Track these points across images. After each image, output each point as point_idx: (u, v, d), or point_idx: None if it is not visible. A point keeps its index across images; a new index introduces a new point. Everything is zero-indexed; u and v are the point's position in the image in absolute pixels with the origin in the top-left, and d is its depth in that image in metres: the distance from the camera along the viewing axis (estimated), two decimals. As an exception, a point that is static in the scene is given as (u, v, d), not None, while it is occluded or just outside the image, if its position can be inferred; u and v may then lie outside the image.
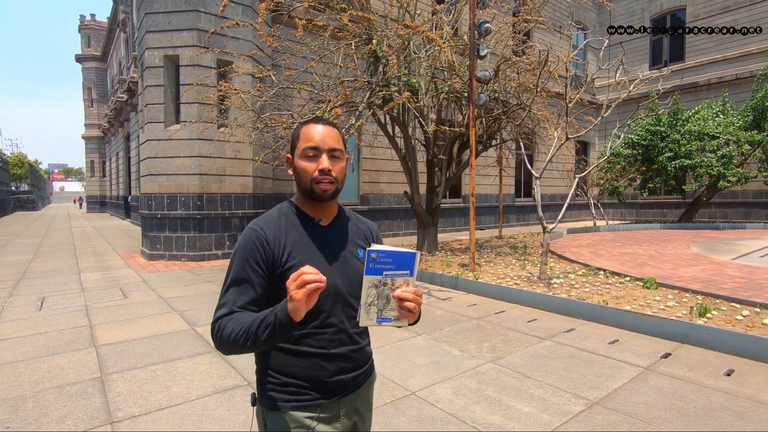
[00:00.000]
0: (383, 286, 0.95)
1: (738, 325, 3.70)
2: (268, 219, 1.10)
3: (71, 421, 2.46)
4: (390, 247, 0.94)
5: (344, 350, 1.09)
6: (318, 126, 1.09)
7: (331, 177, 1.07)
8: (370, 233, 1.25)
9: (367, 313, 0.95)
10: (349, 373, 1.10)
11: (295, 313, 0.89)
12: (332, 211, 1.17)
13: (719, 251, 8.67)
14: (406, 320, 0.99)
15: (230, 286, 1.04)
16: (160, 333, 4.07)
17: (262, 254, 1.04)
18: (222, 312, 1.01)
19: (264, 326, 0.93)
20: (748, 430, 2.31)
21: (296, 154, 1.10)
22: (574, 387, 2.85)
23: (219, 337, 0.99)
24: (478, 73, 6.11)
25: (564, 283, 5.44)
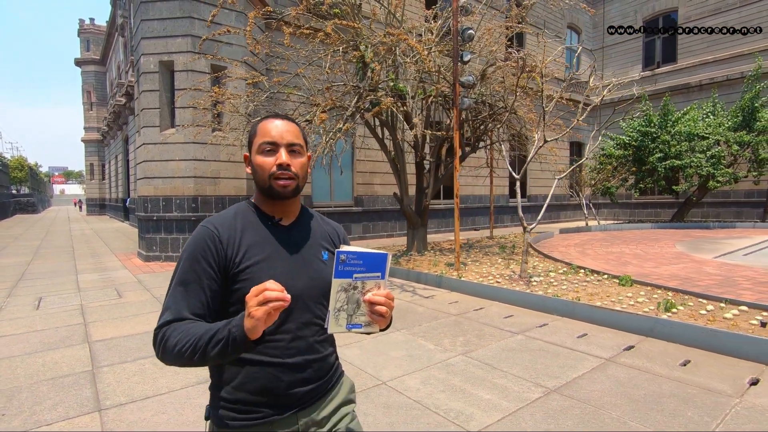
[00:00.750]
0: (353, 289, 0.90)
1: (700, 319, 3.88)
2: (222, 217, 1.05)
3: (62, 408, 2.65)
4: (360, 248, 0.90)
5: (301, 359, 1.02)
6: (275, 121, 1.06)
7: (290, 172, 1.03)
8: (336, 235, 1.19)
9: (336, 318, 0.90)
10: (306, 385, 1.02)
11: (252, 332, 0.83)
12: (293, 211, 1.12)
13: (703, 250, 8.85)
14: (377, 325, 0.94)
15: (177, 287, 0.97)
16: (151, 330, 4.24)
17: (214, 254, 0.98)
18: (166, 317, 0.94)
19: (215, 341, 0.86)
20: (689, 413, 2.49)
21: (253, 150, 1.06)
22: (536, 377, 3.03)
23: (162, 347, 0.91)
24: (462, 78, 6.30)
25: (543, 281, 5.62)
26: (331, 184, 12.01)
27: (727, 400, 2.64)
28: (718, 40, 17.60)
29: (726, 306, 4.23)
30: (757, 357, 3.20)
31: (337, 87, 6.87)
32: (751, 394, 2.73)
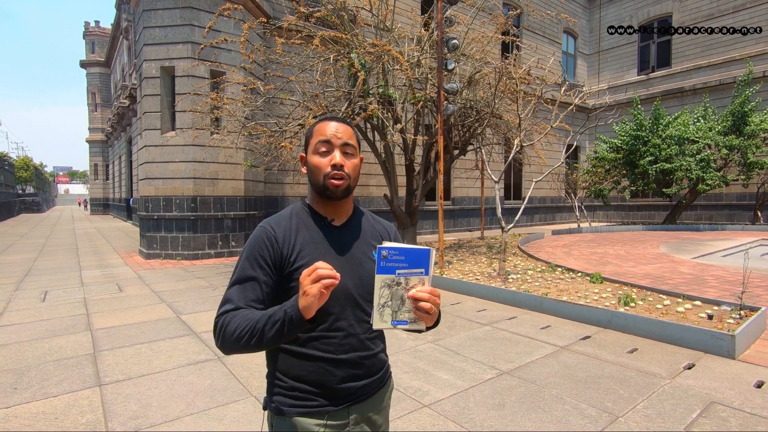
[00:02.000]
0: (397, 285, 0.90)
1: (655, 313, 4.18)
2: (279, 218, 1.10)
3: (67, 384, 2.99)
4: (402, 245, 0.91)
5: (354, 356, 1.05)
6: (331, 122, 1.09)
7: (343, 173, 1.06)
8: (387, 234, 1.21)
9: (381, 315, 0.90)
10: (359, 381, 1.06)
11: (307, 311, 0.87)
12: (346, 211, 1.15)
13: (685, 251, 9.12)
14: (423, 322, 0.94)
15: (236, 283, 1.03)
16: (149, 320, 4.59)
17: (270, 252, 1.03)
18: (226, 308, 0.99)
19: (272, 323, 0.91)
20: (621, 391, 2.81)
21: (309, 150, 1.10)
22: (493, 361, 3.35)
23: (222, 333, 0.96)
24: (446, 85, 6.62)
25: (519, 278, 5.93)
26: (328, 186, 12.34)
27: (658, 381, 2.96)
28: (711, 45, 17.86)
29: (682, 301, 4.53)
30: (697, 345, 3.51)
31: (330, 92, 7.21)
32: (683, 376, 3.04)
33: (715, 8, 17.65)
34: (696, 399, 2.69)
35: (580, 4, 21.57)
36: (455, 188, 16.03)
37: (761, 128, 13.65)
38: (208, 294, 5.83)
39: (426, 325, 0.95)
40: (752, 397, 2.70)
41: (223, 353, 0.97)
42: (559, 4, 20.31)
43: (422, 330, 0.95)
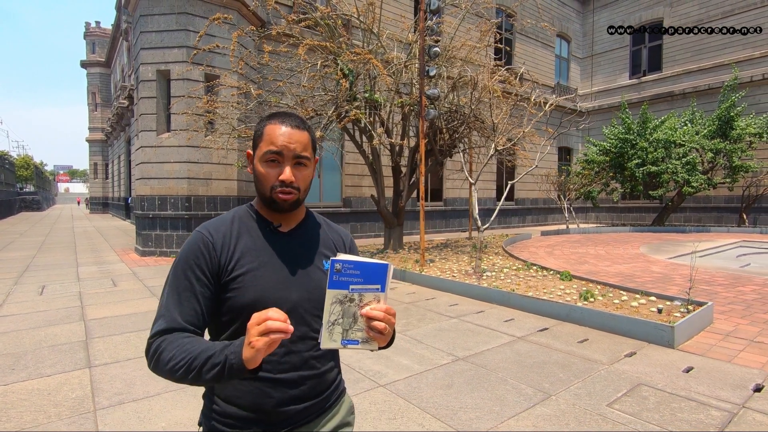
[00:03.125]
0: (349, 302, 0.85)
1: (611, 307, 4.48)
2: (219, 222, 1.02)
3: (60, 366, 3.28)
4: (358, 258, 0.86)
5: (295, 375, 0.97)
6: (284, 127, 0.98)
7: (292, 188, 0.98)
8: (342, 243, 1.13)
9: (330, 333, 0.85)
10: (300, 403, 0.98)
11: (250, 362, 0.80)
12: (296, 217, 1.07)
13: (663, 251, 9.42)
14: (376, 343, 0.88)
15: (170, 294, 0.94)
16: (139, 311, 4.88)
17: (207, 260, 0.95)
18: (160, 326, 0.91)
19: (210, 365, 0.83)
20: (560, 374, 3.10)
21: (257, 154, 1.00)
22: (452, 349, 3.64)
23: (155, 360, 0.87)
24: (428, 90, 6.92)
25: (494, 276, 6.23)
26: (321, 186, 12.65)
27: (597, 367, 3.25)
28: (701, 50, 18.17)
29: (640, 297, 4.83)
30: (642, 336, 3.80)
31: (319, 97, 7.51)
32: (622, 363, 3.33)
33: (704, 14, 17.96)
34: (626, 381, 2.99)
35: (574, 8, 21.87)
36: (447, 189, 16.32)
37: (747, 132, 13.95)
38: (198, 289, 6.13)
39: (379, 345, 0.89)
40: (677, 380, 2.99)
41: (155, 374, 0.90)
42: (552, 9, 20.63)
43: (374, 349, 0.89)
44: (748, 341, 3.73)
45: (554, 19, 20.75)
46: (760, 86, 16.54)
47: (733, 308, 4.73)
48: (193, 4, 9.38)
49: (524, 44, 19.26)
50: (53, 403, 2.68)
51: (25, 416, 2.52)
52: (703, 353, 3.49)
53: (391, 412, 2.57)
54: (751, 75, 16.58)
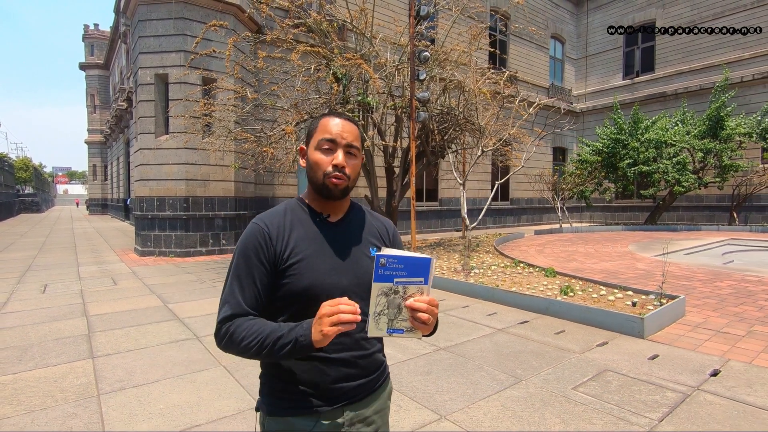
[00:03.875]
0: (394, 294, 0.90)
1: (588, 301, 4.69)
2: (272, 214, 1.09)
3: (65, 356, 3.49)
4: (402, 252, 0.90)
5: (347, 355, 1.04)
6: (337, 119, 1.07)
7: (344, 174, 1.04)
8: (386, 231, 1.20)
9: (377, 323, 0.90)
10: (353, 381, 1.05)
11: (319, 344, 0.89)
12: (342, 207, 1.13)
13: (650, 249, 9.64)
14: (420, 332, 0.93)
15: (232, 281, 1.03)
16: (139, 308, 5.09)
17: (265, 250, 1.02)
18: (226, 312, 1.00)
19: (281, 345, 0.92)
20: (534, 362, 3.31)
21: (311, 144, 1.07)
22: (435, 340, 3.85)
23: (227, 340, 0.98)
24: (418, 94, 7.14)
25: (482, 273, 6.45)
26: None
27: (569, 355, 3.46)
28: (692, 51, 18.41)
29: (617, 291, 5.05)
30: (615, 327, 4.02)
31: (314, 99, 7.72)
32: (593, 351, 3.55)
33: (696, 15, 18.21)
34: (593, 367, 3.20)
35: (568, 10, 22.11)
36: (442, 189, 16.54)
37: (737, 132, 14.19)
38: (195, 287, 6.34)
39: (422, 333, 0.95)
40: (641, 367, 3.21)
41: (223, 352, 1.00)
42: (546, 11, 20.87)
43: (419, 338, 0.96)
44: (714, 332, 3.95)
45: (548, 21, 20.98)
46: (751, 86, 16.78)
47: (707, 302, 4.95)
48: (191, 10, 9.59)
49: (518, 46, 19.47)
50: (60, 389, 2.89)
51: (34, 400, 2.73)
52: (670, 343, 3.71)
53: (373, 395, 2.78)
54: (742, 75, 16.82)
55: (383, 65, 7.96)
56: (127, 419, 2.49)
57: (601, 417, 2.48)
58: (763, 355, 3.39)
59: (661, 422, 2.41)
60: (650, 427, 2.36)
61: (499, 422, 2.43)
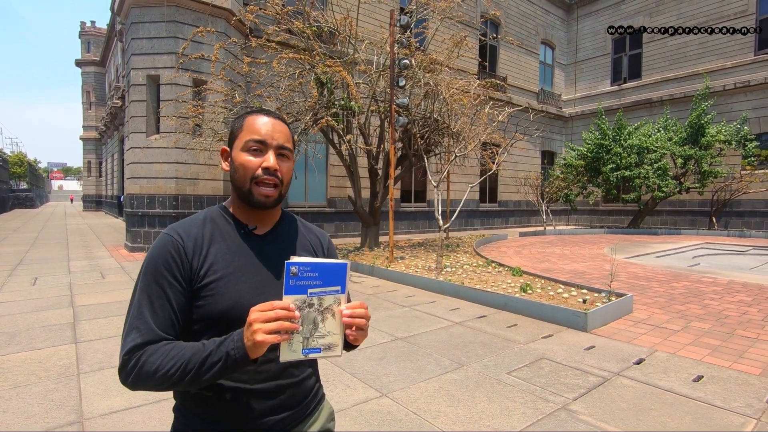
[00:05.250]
0: (308, 307, 0.82)
1: (545, 298, 5.02)
2: (189, 224, 0.96)
3: (50, 342, 3.78)
4: (314, 259, 0.83)
5: (272, 385, 0.94)
6: (265, 117, 0.96)
7: (276, 178, 0.94)
8: (320, 245, 1.10)
9: (289, 344, 0.80)
10: (276, 414, 0.94)
11: (255, 352, 0.79)
12: (272, 218, 1.03)
13: (625, 252, 10.00)
14: (339, 348, 0.85)
15: (141, 303, 0.88)
16: (124, 299, 5.38)
17: (179, 265, 0.90)
18: (135, 340, 0.84)
19: (209, 364, 0.81)
20: (479, 351, 3.64)
21: (236, 146, 0.96)
22: (394, 331, 4.17)
23: (136, 373, 0.82)
24: (397, 100, 7.46)
25: (453, 271, 6.77)
26: (306, 186, 13.16)
27: (514, 345, 3.79)
28: (678, 59, 18.84)
29: (573, 289, 5.38)
30: (563, 321, 4.35)
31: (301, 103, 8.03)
32: (536, 342, 3.87)
33: (681, 24, 18.63)
34: (532, 355, 3.53)
35: (558, 16, 22.50)
36: (430, 191, 16.85)
37: (717, 139, 14.60)
38: (180, 281, 6.62)
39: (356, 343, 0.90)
40: (575, 356, 3.54)
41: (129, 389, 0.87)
42: (537, 17, 21.25)
43: (339, 356, 0.85)
44: (653, 327, 4.29)
45: (539, 27, 21.37)
46: (732, 95, 17.21)
47: (657, 300, 5.29)
48: (182, 13, 9.87)
49: (509, 51, 19.83)
50: (44, 369, 3.19)
51: (20, 377, 3.03)
52: (609, 336, 4.04)
53: (326, 378, 3.09)
54: (724, 84, 17.25)
55: (367, 71, 8.27)
56: (102, 393, 2.79)
57: (524, 396, 2.80)
58: (688, 347, 3.73)
59: (574, 401, 2.74)
60: (563, 405, 2.68)
61: (432, 399, 2.75)
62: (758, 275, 7.21)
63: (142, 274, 0.91)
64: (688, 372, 3.19)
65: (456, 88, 7.76)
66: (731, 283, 6.34)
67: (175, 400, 0.99)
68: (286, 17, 7.60)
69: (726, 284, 6.24)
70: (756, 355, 3.53)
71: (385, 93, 8.93)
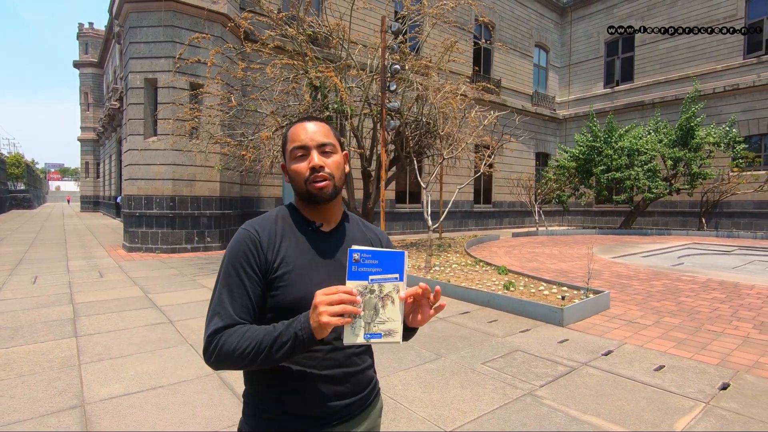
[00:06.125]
0: (370, 293, 0.84)
1: (526, 295, 5.24)
2: (263, 220, 1.05)
3: (51, 335, 3.98)
4: (375, 248, 0.87)
5: (339, 372, 1.00)
6: (304, 124, 1.05)
7: (325, 173, 1.01)
8: (379, 242, 1.16)
9: (352, 327, 0.84)
10: (343, 399, 1.01)
11: (320, 332, 0.84)
12: (335, 216, 1.10)
13: (612, 252, 10.24)
14: (399, 334, 0.89)
15: (222, 292, 0.97)
16: (121, 297, 5.58)
17: (256, 258, 0.98)
18: (217, 324, 0.94)
19: (279, 344, 0.88)
20: (458, 344, 3.85)
21: (287, 158, 1.06)
22: (380, 326, 4.37)
23: (217, 353, 0.92)
24: (388, 104, 7.68)
25: (441, 270, 6.99)
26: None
27: (491, 339, 4.01)
28: (669, 62, 19.13)
29: (554, 287, 5.60)
30: (541, 317, 4.56)
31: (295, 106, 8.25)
32: (513, 336, 4.09)
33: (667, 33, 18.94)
34: (507, 348, 3.75)
35: (552, 19, 22.78)
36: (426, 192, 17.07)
37: (706, 141, 14.86)
38: (176, 280, 6.82)
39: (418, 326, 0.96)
40: (549, 348, 3.75)
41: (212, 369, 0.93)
42: (531, 20, 21.52)
43: (398, 342, 0.89)
44: (627, 322, 4.51)
45: (533, 30, 21.64)
46: (722, 98, 17.50)
47: (635, 297, 5.52)
48: (180, 18, 10.08)
49: (503, 54, 20.06)
50: (46, 360, 3.39)
51: (24, 368, 3.23)
52: (584, 330, 4.26)
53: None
54: (714, 87, 17.54)
55: (359, 75, 8.49)
56: (102, 381, 3.00)
57: (494, 383, 3.02)
58: (656, 340, 3.95)
59: (541, 388, 2.95)
60: (530, 391, 2.90)
61: (408, 386, 2.97)
62: (737, 274, 7.46)
63: (224, 266, 1.00)
64: (651, 362, 3.41)
65: (444, 92, 7.96)
66: (709, 281, 6.57)
67: (245, 386, 1.06)
68: (280, 23, 7.82)
69: (704, 282, 6.47)
70: (718, 347, 3.76)
71: (377, 96, 9.15)
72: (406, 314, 0.94)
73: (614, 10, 20.91)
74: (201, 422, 2.47)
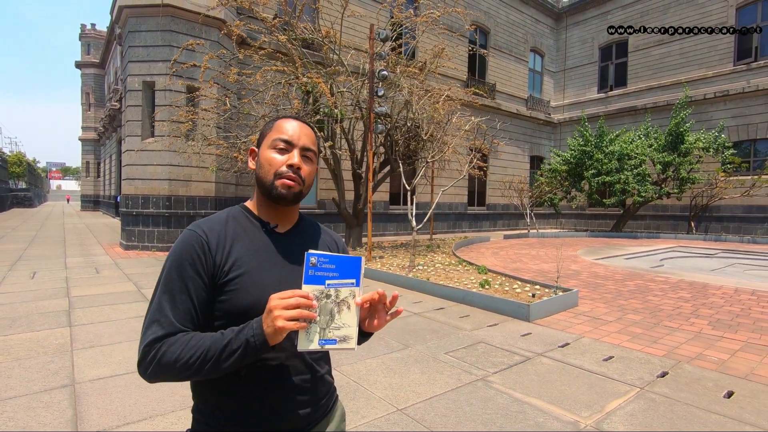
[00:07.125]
0: (326, 298, 0.83)
1: (500, 293, 5.50)
2: (212, 221, 0.99)
3: (47, 325, 4.25)
4: (332, 252, 0.86)
5: (298, 380, 0.95)
6: (294, 122, 1.02)
7: (298, 176, 0.98)
8: (336, 246, 1.14)
9: (306, 333, 0.81)
10: (303, 408, 0.96)
11: (274, 338, 0.80)
12: (291, 218, 1.06)
13: (596, 254, 10.50)
14: (354, 340, 0.86)
15: (163, 296, 0.90)
16: (115, 291, 5.85)
17: (202, 260, 0.91)
18: (157, 332, 0.86)
19: (229, 352, 0.82)
20: (427, 336, 4.12)
21: (264, 144, 1.01)
22: (357, 320, 4.64)
23: (156, 363, 0.84)
24: (376, 108, 7.96)
25: (424, 269, 7.26)
26: (296, 189, 13.63)
27: (459, 332, 4.27)
28: (661, 68, 19.41)
29: (527, 286, 5.87)
30: (509, 312, 4.83)
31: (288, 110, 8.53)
32: (481, 330, 4.35)
33: (665, 35, 19.22)
34: (472, 340, 4.01)
35: (548, 25, 23.08)
36: (419, 194, 17.33)
37: (695, 146, 15.13)
38: (169, 276, 7.09)
39: (374, 331, 0.94)
40: (510, 340, 4.02)
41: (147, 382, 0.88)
42: (527, 25, 21.82)
43: (353, 348, 0.87)
44: (590, 318, 4.78)
45: (528, 35, 21.93)
46: (713, 103, 17.77)
47: (605, 296, 5.78)
48: (177, 23, 10.37)
49: (498, 58, 20.35)
50: (41, 346, 3.66)
51: (21, 352, 3.50)
52: (548, 325, 4.52)
53: (287, 355, 3.56)
54: (704, 93, 17.81)
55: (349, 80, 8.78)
56: (91, 365, 3.27)
57: (452, 370, 3.28)
58: (614, 334, 4.21)
59: (494, 374, 3.22)
60: (482, 377, 3.16)
61: (372, 372, 3.23)
62: (710, 276, 7.72)
63: (166, 269, 0.93)
64: (603, 353, 3.67)
65: (428, 96, 8.24)
66: (680, 282, 6.83)
67: (194, 401, 0.98)
68: (274, 29, 8.11)
69: (675, 283, 6.73)
70: (669, 341, 4.02)
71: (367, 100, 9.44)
72: (362, 319, 0.92)
73: (609, 16, 21.21)
74: (179, 399, 2.74)
